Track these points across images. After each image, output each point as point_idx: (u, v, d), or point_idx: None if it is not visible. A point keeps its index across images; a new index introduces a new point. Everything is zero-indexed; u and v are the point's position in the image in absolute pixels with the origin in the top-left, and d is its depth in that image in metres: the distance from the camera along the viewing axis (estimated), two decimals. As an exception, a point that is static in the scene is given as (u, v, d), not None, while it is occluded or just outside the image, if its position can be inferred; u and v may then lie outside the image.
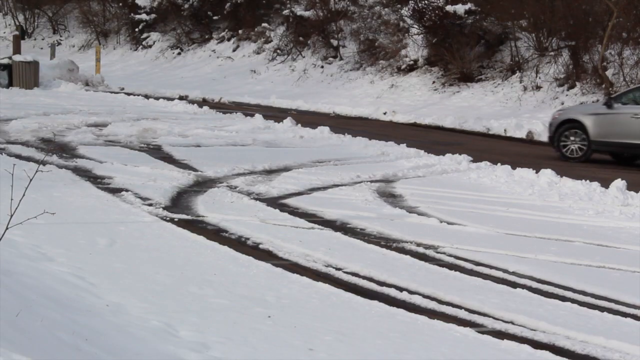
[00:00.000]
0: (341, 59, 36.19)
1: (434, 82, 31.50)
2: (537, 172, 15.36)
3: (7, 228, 6.07)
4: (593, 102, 25.12)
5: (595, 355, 7.14)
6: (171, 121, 21.82)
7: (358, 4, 36.84)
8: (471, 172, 16.06)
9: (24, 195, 6.15)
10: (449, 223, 11.83)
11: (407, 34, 33.07)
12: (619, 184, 14.06)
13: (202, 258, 9.24)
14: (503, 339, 7.28)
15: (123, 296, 7.36)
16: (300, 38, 38.09)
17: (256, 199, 12.72)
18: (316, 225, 11.34)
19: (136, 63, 43.11)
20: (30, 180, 6.12)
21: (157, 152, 17.16)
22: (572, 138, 20.06)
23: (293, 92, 35.19)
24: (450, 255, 10.13)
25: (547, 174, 15.18)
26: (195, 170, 15.01)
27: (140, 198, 12.28)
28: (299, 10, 38.17)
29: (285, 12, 38.67)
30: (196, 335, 6.54)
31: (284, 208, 12.34)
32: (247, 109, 29.25)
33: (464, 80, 30.43)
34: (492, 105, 28.48)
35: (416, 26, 32.15)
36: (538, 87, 28.23)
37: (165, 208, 11.81)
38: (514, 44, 30.21)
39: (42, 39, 49.68)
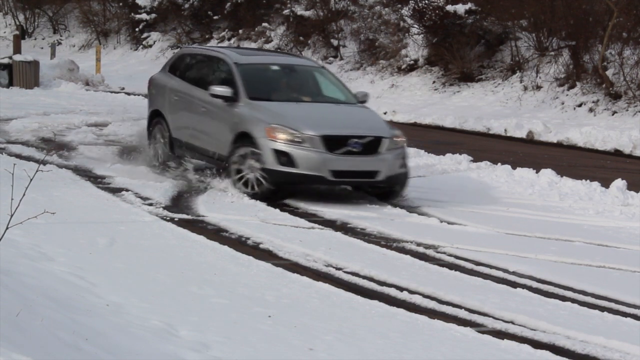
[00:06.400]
0: (341, 58, 36.18)
1: (434, 81, 31.50)
2: (537, 172, 15.35)
3: (7, 228, 6.07)
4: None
5: (596, 355, 7.14)
6: (171, 121, 21.79)
7: (358, 3, 36.82)
8: (471, 171, 16.04)
9: (24, 195, 6.15)
10: (449, 223, 11.83)
11: (407, 34, 33.06)
12: (619, 183, 14.05)
13: (202, 258, 9.25)
14: (503, 339, 7.29)
15: (123, 296, 7.36)
16: (301, 38, 38.08)
17: (257, 199, 12.71)
18: (316, 225, 11.35)
19: (136, 63, 43.08)
20: (31, 180, 6.12)
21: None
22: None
23: (293, 92, 35.09)
24: (451, 255, 10.13)
25: (548, 173, 15.17)
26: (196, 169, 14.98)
27: (141, 198, 12.29)
28: (299, 10, 38.15)
29: (286, 11, 38.65)
30: (196, 334, 6.54)
31: (284, 208, 12.34)
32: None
33: (464, 80, 30.42)
34: (492, 105, 28.47)
35: (416, 26, 32.13)
36: (538, 87, 28.22)
37: (165, 208, 11.81)
38: (514, 43, 30.20)
39: (43, 39, 49.66)
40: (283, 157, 12.53)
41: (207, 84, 13.96)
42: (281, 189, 12.76)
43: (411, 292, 8.47)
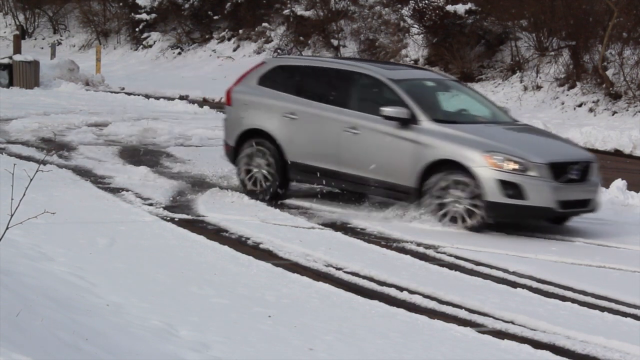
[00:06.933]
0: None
1: (434, 81, 31.53)
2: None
3: (7, 228, 6.07)
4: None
5: (596, 355, 7.14)
6: (172, 121, 21.79)
7: (358, 3, 36.82)
8: (471, 172, 16.00)
9: (24, 195, 6.15)
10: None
11: (407, 34, 33.07)
12: (619, 183, 14.05)
13: (203, 258, 9.25)
14: (503, 339, 7.29)
15: (123, 296, 7.36)
16: (301, 38, 38.08)
17: (257, 199, 12.71)
18: (316, 225, 11.35)
19: (136, 63, 43.08)
20: (31, 180, 6.12)
21: (157, 151, 17.14)
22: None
23: (293, 92, 35.00)
24: (451, 255, 10.13)
25: (548, 173, 15.14)
26: (196, 170, 14.99)
27: (141, 198, 12.29)
28: (300, 10, 38.16)
29: (286, 11, 38.65)
30: (196, 334, 6.54)
31: (284, 208, 12.34)
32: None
33: (465, 80, 30.39)
34: (492, 105, 28.48)
35: (416, 26, 32.14)
36: (538, 87, 28.22)
37: (165, 208, 11.81)
38: (514, 43, 30.20)
39: (43, 39, 49.65)
40: (510, 188, 11.30)
41: (349, 103, 12.50)
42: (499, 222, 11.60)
43: (411, 292, 8.47)
